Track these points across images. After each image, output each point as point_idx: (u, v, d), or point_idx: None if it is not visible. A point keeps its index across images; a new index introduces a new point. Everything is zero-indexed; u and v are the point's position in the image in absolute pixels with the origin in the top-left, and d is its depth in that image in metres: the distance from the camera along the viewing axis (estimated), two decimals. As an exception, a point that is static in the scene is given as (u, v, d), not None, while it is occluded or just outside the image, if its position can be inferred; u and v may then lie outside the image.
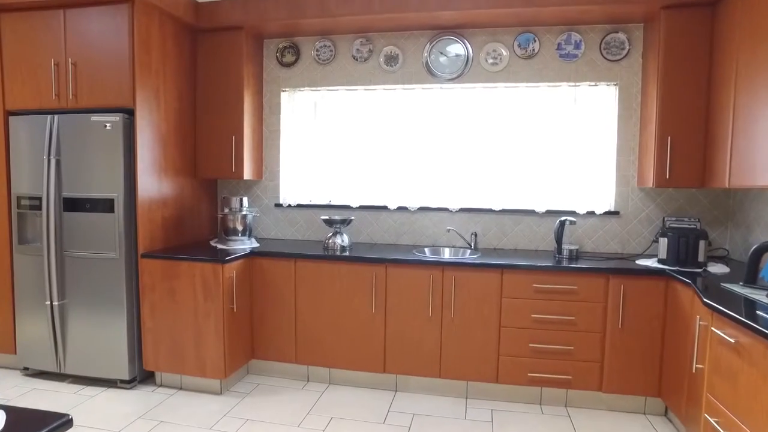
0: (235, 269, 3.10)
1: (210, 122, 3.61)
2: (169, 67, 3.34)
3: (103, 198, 3.06)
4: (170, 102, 3.36)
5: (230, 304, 3.06)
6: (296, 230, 3.87)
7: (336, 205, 3.77)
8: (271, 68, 3.83)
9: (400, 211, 3.67)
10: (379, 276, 3.10)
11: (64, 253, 3.18)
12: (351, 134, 3.71)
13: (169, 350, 3.12)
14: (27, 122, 3.21)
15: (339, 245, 3.36)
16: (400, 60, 3.58)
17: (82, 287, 3.16)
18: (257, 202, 3.92)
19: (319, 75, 3.74)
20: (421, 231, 3.64)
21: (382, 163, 3.67)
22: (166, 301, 3.09)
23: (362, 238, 3.75)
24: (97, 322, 3.15)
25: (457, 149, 3.55)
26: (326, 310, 3.20)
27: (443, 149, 3.57)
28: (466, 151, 3.54)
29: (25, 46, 3.21)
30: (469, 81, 3.50)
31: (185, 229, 3.58)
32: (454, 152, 3.56)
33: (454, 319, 3.02)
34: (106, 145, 3.04)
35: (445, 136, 3.57)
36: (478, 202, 3.55)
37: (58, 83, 3.15)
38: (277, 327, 3.30)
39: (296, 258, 3.21)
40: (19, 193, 3.26)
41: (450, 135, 3.56)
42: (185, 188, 3.57)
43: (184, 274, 3.04)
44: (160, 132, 3.27)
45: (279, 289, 3.27)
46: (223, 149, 3.58)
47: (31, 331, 3.31)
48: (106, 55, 3.05)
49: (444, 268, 3.01)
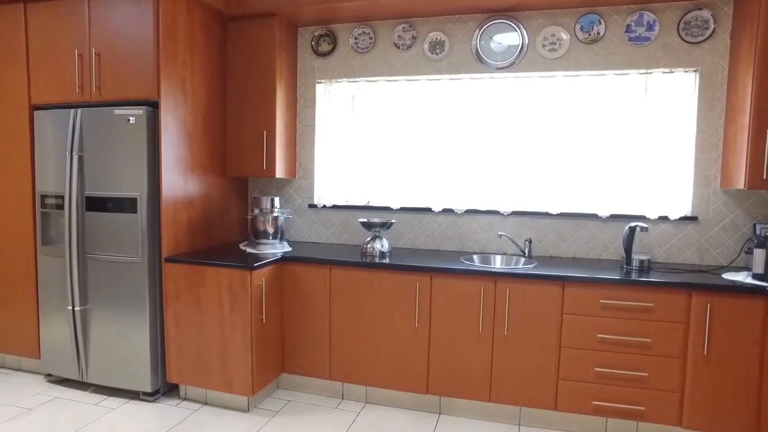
0: (264, 276, 2.83)
1: (240, 116, 3.36)
2: (197, 57, 3.10)
3: (125, 197, 2.85)
4: (198, 94, 3.12)
5: (259, 315, 2.80)
6: (331, 233, 3.59)
7: (375, 206, 3.47)
8: (305, 58, 3.56)
9: (445, 214, 3.34)
10: (424, 286, 2.78)
11: (86, 255, 2.99)
12: (391, 129, 3.40)
13: (194, 362, 2.88)
14: (51, 117, 3.04)
15: (378, 251, 3.06)
16: (447, 47, 3.25)
17: (104, 292, 2.96)
18: (290, 202, 3.66)
19: (357, 65, 3.44)
20: (469, 236, 3.30)
21: (425, 161, 3.35)
22: (191, 309, 2.86)
23: (403, 242, 3.44)
24: (120, 330, 2.94)
25: (510, 146, 3.20)
26: (364, 322, 2.91)
27: (494, 146, 3.22)
28: (520, 148, 3.18)
29: (50, 37, 3.03)
30: (523, 70, 3.14)
31: (213, 231, 3.35)
32: (506, 149, 3.20)
33: (507, 336, 2.68)
34: (129, 140, 2.83)
35: (496, 131, 3.21)
36: (532, 205, 3.18)
37: (82, 75, 2.96)
38: (309, 340, 3.02)
39: (331, 264, 2.93)
40: (43, 191, 3.10)
41: (502, 130, 3.20)
42: (213, 187, 3.33)
43: (210, 281, 2.79)
44: (187, 126, 3.04)
45: (312, 298, 2.99)
46: (254, 145, 3.33)
47: (54, 336, 3.15)
48: (131, 44, 2.83)
49: (497, 279, 2.67)
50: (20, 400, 2.98)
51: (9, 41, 3.15)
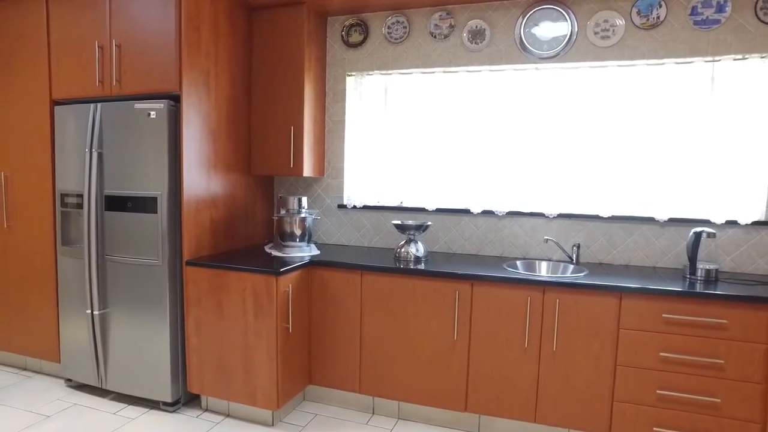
0: (291, 282, 2.64)
1: (266, 111, 3.18)
2: (222, 48, 2.93)
3: (145, 196, 2.69)
4: (222, 88, 2.95)
5: (285, 323, 2.60)
6: (362, 235, 3.38)
7: (408, 207, 3.24)
8: (335, 50, 3.36)
9: (485, 216, 3.09)
10: (464, 295, 2.54)
11: (105, 256, 2.84)
12: (427, 125, 3.17)
13: (216, 372, 2.71)
14: (71, 112, 2.91)
15: (413, 255, 2.84)
16: (487, 36, 3.00)
17: (123, 296, 2.81)
18: (318, 202, 3.47)
19: (390, 56, 3.22)
20: (510, 240, 3.05)
21: (463, 159, 3.11)
22: (213, 316, 2.68)
23: (439, 246, 3.20)
24: (139, 336, 2.79)
25: (556, 142, 2.93)
26: (397, 333, 2.69)
27: (538, 142, 2.96)
28: (567, 145, 2.92)
29: (71, 30, 2.90)
30: (571, 59, 2.87)
31: (237, 232, 3.17)
32: (552, 146, 2.94)
33: (556, 352, 2.42)
34: (149, 136, 2.67)
35: (540, 126, 2.96)
36: (580, 207, 2.91)
37: (102, 68, 2.82)
38: (338, 350, 2.82)
39: (363, 270, 2.71)
40: (63, 190, 2.97)
41: (547, 125, 2.94)
42: (238, 186, 3.16)
43: (233, 286, 2.61)
44: (210, 122, 2.87)
45: (342, 306, 2.78)
46: (281, 142, 3.14)
47: (74, 340, 3.02)
48: (152, 34, 2.67)
49: (545, 289, 2.42)
50: (39, 406, 2.87)
51: (31, 35, 3.04)
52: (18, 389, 3.11)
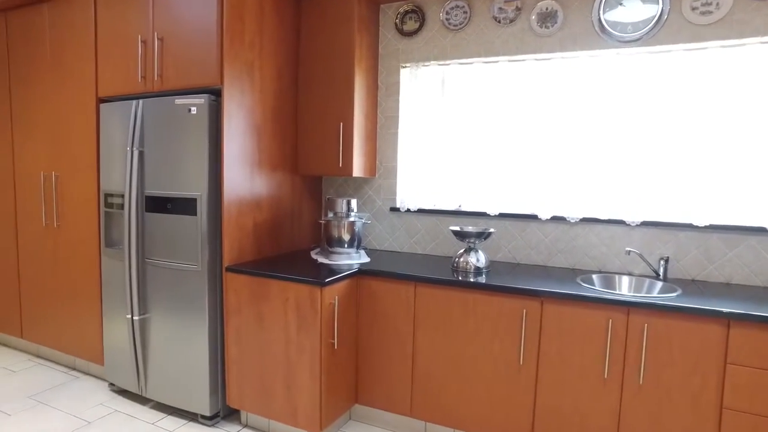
0: (337, 293, 2.40)
1: (314, 106, 2.96)
2: (267, 38, 2.73)
3: (185, 197, 2.53)
4: (267, 81, 2.75)
5: (330, 338, 2.36)
6: (416, 242, 3.09)
7: (467, 211, 2.93)
8: (388, 39, 3.09)
9: (554, 223, 2.74)
10: (532, 314, 2.21)
11: (145, 260, 2.71)
12: (489, 120, 2.85)
13: (256, 387, 2.51)
14: (115, 109, 2.80)
15: (473, 266, 2.53)
16: (560, 19, 2.65)
17: (163, 301, 2.67)
18: (369, 204, 3.22)
19: (448, 45, 2.93)
20: (584, 250, 2.68)
21: (530, 158, 2.76)
22: (254, 326, 2.48)
23: (501, 255, 2.87)
24: (178, 345, 2.64)
25: (640, 139, 2.54)
26: (454, 352, 2.39)
27: (618, 139, 2.58)
28: (654, 142, 2.52)
29: (117, 25, 2.79)
30: (661, 42, 2.47)
31: (282, 236, 2.97)
32: (635, 143, 2.55)
33: (642, 386, 2.05)
34: (190, 133, 2.50)
35: (620, 119, 2.57)
36: (670, 214, 2.51)
37: (145, 63, 2.68)
38: (388, 369, 2.55)
39: (417, 281, 2.43)
40: (107, 190, 2.87)
41: (628, 118, 2.56)
42: (283, 187, 2.96)
43: (275, 296, 2.40)
44: (254, 117, 2.67)
45: (393, 320, 2.52)
46: (329, 139, 2.91)
47: (116, 344, 2.92)
48: (194, 25, 2.50)
49: (630, 310, 2.05)
50: (82, 411, 2.80)
51: (80, 34, 2.97)
52: (64, 390, 3.06)
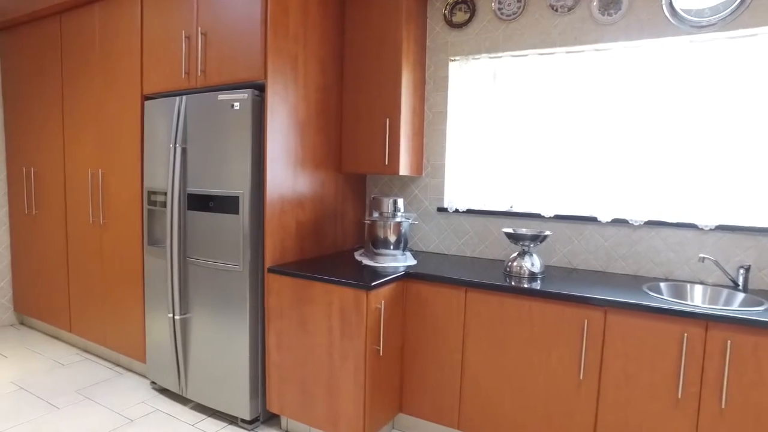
0: (383, 297, 2.28)
1: (359, 101, 2.85)
2: (311, 30, 2.64)
3: (227, 195, 2.47)
4: (311, 76, 2.66)
5: (375, 344, 2.25)
6: (464, 244, 2.94)
7: (519, 212, 2.76)
8: (436, 31, 2.95)
9: (615, 225, 2.54)
10: (594, 324, 2.04)
11: (187, 258, 2.66)
12: (543, 115, 2.68)
13: (297, 393, 2.42)
14: (159, 106, 2.77)
15: (527, 271, 2.37)
16: (624, 5, 2.45)
17: (204, 301, 2.62)
18: (415, 204, 3.09)
19: (501, 36, 2.77)
20: (648, 256, 2.47)
21: (588, 156, 2.58)
22: (296, 330, 2.39)
23: (556, 259, 2.69)
24: (219, 346, 2.58)
25: (714, 133, 2.32)
26: (507, 363, 2.24)
27: (688, 134, 2.36)
28: (731, 136, 2.29)
29: (162, 21, 2.76)
30: (745, 25, 2.24)
31: (325, 236, 2.87)
32: (708, 138, 2.33)
33: (724, 410, 1.84)
34: (232, 129, 2.43)
35: (692, 115, 2.35)
36: (750, 217, 2.28)
37: (189, 59, 2.64)
38: (435, 377, 2.42)
39: (468, 286, 2.29)
40: (150, 188, 2.85)
41: (701, 112, 2.33)
42: (327, 185, 2.86)
43: (319, 299, 2.31)
44: (298, 113, 2.58)
45: (441, 327, 2.38)
46: (375, 136, 2.80)
47: (157, 342, 2.90)
48: (238, 18, 2.43)
49: (708, 325, 1.85)
50: (124, 408, 2.79)
51: (127, 31, 2.96)
52: (108, 386, 3.07)
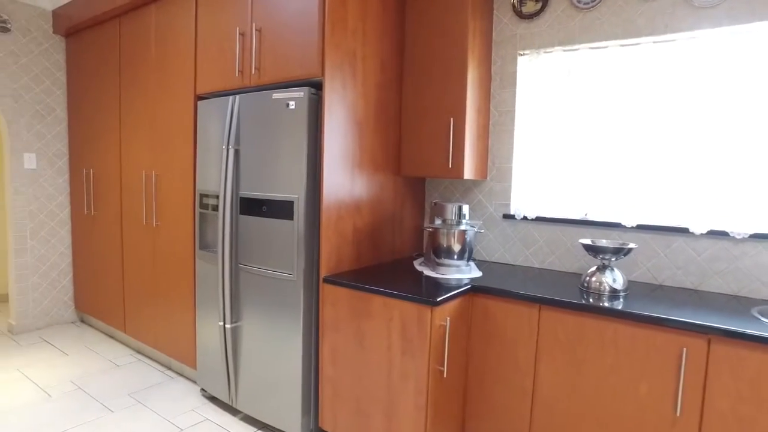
0: (448, 313, 2.08)
1: (421, 100, 2.66)
2: (370, 24, 2.47)
3: (281, 199, 2.33)
4: (370, 73, 2.49)
5: (438, 365, 2.06)
6: (532, 254, 2.70)
7: (595, 221, 2.50)
8: (504, 23, 2.73)
9: (711, 238, 2.24)
10: (695, 354, 1.77)
11: (239, 265, 2.56)
12: (625, 114, 2.41)
13: (352, 411, 2.26)
14: (212, 106, 2.68)
15: (608, 287, 2.11)
16: (725, -13, 2.16)
17: (256, 310, 2.50)
18: (478, 210, 2.87)
19: (577, 27, 2.51)
20: (755, 273, 2.15)
21: (679, 159, 2.29)
22: (352, 345, 2.23)
23: (638, 274, 2.41)
24: (271, 358, 2.45)
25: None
26: (586, 391, 1.99)
27: (806, 134, 2.05)
28: None
29: (216, 19, 2.68)
30: None
31: (382, 244, 2.70)
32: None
33: None
34: (287, 129, 2.30)
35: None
36: None
37: (243, 56, 2.53)
38: (502, 402, 2.20)
39: (541, 303, 2.06)
40: (203, 190, 2.77)
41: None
42: (385, 189, 2.69)
43: (378, 313, 2.13)
44: (356, 112, 2.42)
45: (510, 347, 2.16)
46: (437, 137, 2.60)
47: (208, 349, 2.82)
48: (294, 12, 2.30)
49: (843, 361, 1.55)
50: (175, 416, 2.73)
51: (182, 31, 2.91)
52: (160, 391, 3.04)
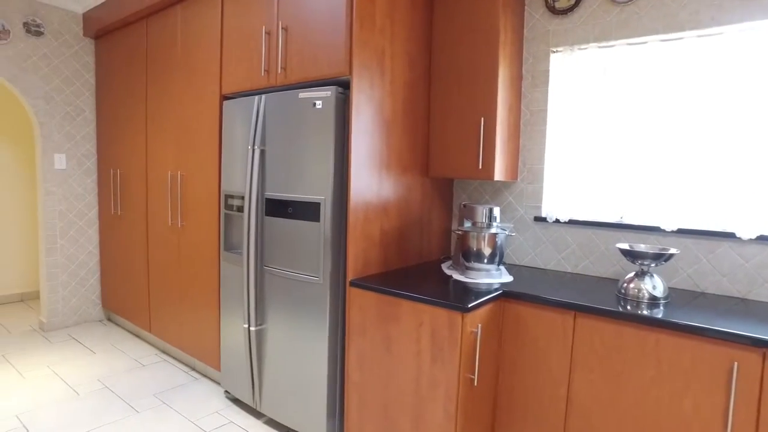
0: (480, 320, 2.01)
1: (449, 99, 2.59)
2: (399, 22, 2.41)
3: (307, 201, 2.29)
4: (398, 71, 2.43)
5: (469, 373, 1.98)
6: (564, 258, 2.60)
7: (631, 224, 2.39)
8: (536, 19, 2.64)
9: (761, 243, 2.11)
10: (749, 369, 1.66)
11: (264, 267, 2.52)
12: (664, 112, 2.29)
13: (379, 420, 2.20)
14: (237, 106, 2.66)
15: (647, 294, 2.01)
16: (776, -22, 2.03)
17: (281, 313, 2.46)
18: (508, 212, 2.78)
19: (613, 21, 2.41)
20: (806, 281, 2.04)
21: (723, 159, 2.17)
22: (380, 351, 2.17)
23: (678, 280, 2.30)
24: (295, 362, 2.41)
25: None
26: (625, 403, 1.89)
27: None
28: None
29: (242, 19, 2.65)
30: None
31: (409, 247, 2.64)
32: None
33: None
34: (314, 129, 2.25)
35: None
36: None
37: (269, 56, 2.49)
38: (534, 413, 2.11)
39: (577, 310, 1.97)
40: (228, 191, 2.75)
41: None
42: (413, 190, 2.62)
43: (406, 319, 2.07)
44: (384, 111, 2.36)
45: (543, 356, 2.07)
46: (467, 137, 2.52)
47: (232, 351, 2.79)
48: (321, 10, 2.25)
49: None
50: (199, 418, 2.72)
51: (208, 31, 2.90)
52: (184, 392, 3.04)
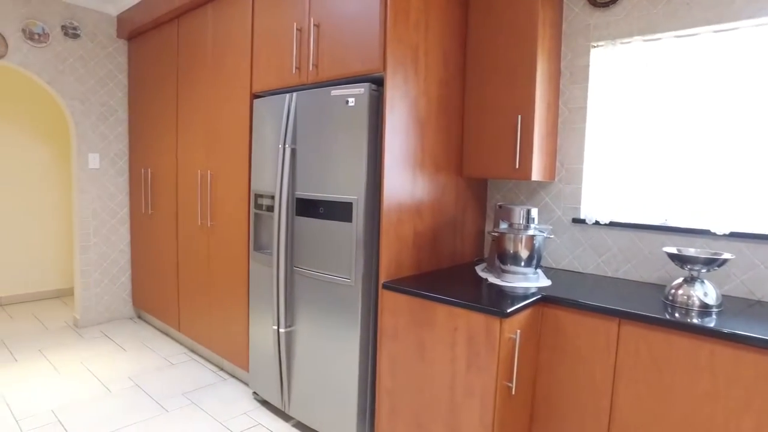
0: (518, 325, 1.92)
1: (485, 96, 2.50)
2: (433, 16, 2.34)
3: (339, 201, 2.24)
4: (432, 67, 2.36)
5: (507, 381, 1.90)
6: (605, 262, 2.49)
7: (678, 227, 2.27)
8: (575, 13, 2.54)
9: (824, 248, 1.98)
10: (814, 384, 1.54)
11: (294, 268, 2.48)
12: (714, 109, 2.17)
13: (411, 426, 2.13)
14: (268, 104, 2.63)
15: (698, 301, 1.89)
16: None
17: (311, 315, 2.42)
18: (545, 213, 2.68)
19: (660, 13, 2.29)
20: None
21: (781, 157, 2.04)
22: (413, 356, 2.11)
23: (730, 287, 2.17)
24: (326, 365, 2.36)
25: None
26: (675, 419, 1.78)
27: None
28: None
29: (273, 16, 2.63)
30: None
31: (443, 248, 2.56)
32: None
33: None
34: (346, 128, 2.20)
35: None
36: None
37: (300, 53, 2.45)
38: (573, 424, 2.01)
39: (621, 317, 1.87)
40: (258, 190, 2.72)
41: None
42: (447, 191, 2.55)
43: (441, 323, 2.00)
44: (418, 109, 2.30)
45: (584, 364, 1.98)
46: (503, 135, 2.43)
47: (261, 352, 2.77)
48: (354, 5, 2.20)
49: None
50: (228, 419, 2.71)
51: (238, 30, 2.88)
52: (212, 392, 3.03)
